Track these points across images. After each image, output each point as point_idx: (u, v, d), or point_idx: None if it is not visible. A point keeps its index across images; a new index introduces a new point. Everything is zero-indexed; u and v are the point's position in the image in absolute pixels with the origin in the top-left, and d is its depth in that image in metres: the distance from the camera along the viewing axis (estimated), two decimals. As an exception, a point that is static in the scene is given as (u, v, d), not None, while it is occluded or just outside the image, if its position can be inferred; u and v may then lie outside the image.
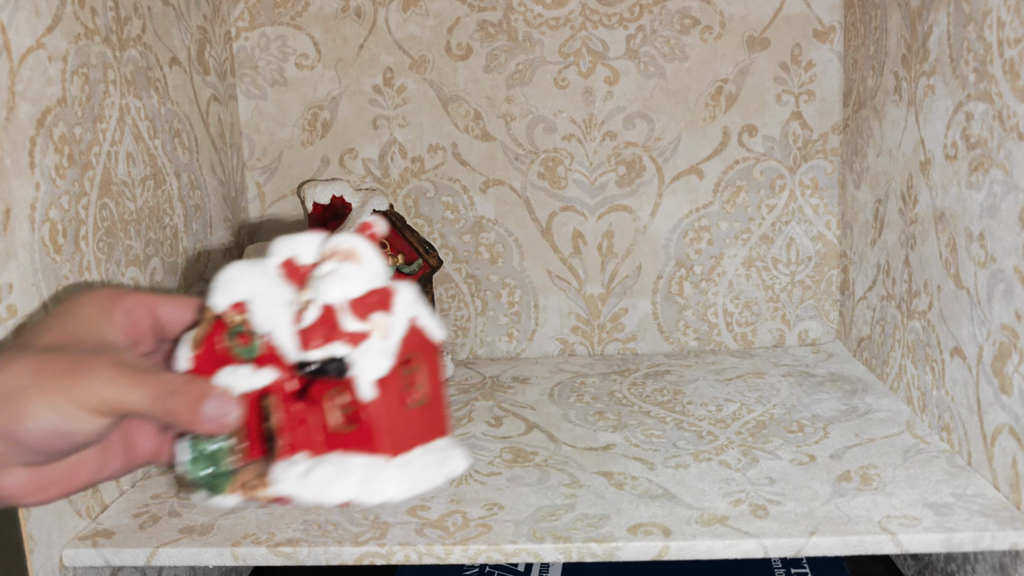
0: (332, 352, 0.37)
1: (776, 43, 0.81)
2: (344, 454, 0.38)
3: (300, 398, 0.39)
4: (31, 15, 0.51)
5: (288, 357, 0.38)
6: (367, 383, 0.37)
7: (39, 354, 0.37)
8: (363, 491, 0.38)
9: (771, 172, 0.83)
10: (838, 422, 0.66)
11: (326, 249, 0.39)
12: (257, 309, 0.39)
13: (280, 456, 0.39)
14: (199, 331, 0.40)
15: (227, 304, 0.39)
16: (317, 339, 0.37)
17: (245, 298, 0.39)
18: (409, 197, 0.85)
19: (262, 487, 0.40)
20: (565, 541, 0.51)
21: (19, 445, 0.36)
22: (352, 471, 0.38)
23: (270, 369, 0.39)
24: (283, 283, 0.39)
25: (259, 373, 0.39)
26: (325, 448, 0.39)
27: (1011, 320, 0.51)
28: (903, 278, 0.67)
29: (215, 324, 0.40)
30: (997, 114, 0.51)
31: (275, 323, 0.39)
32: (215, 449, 0.40)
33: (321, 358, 0.37)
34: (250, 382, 0.39)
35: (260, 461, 0.40)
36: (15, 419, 0.36)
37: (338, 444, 0.38)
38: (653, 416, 0.69)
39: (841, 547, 0.49)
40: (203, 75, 0.77)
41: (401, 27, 0.82)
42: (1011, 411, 0.51)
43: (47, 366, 0.36)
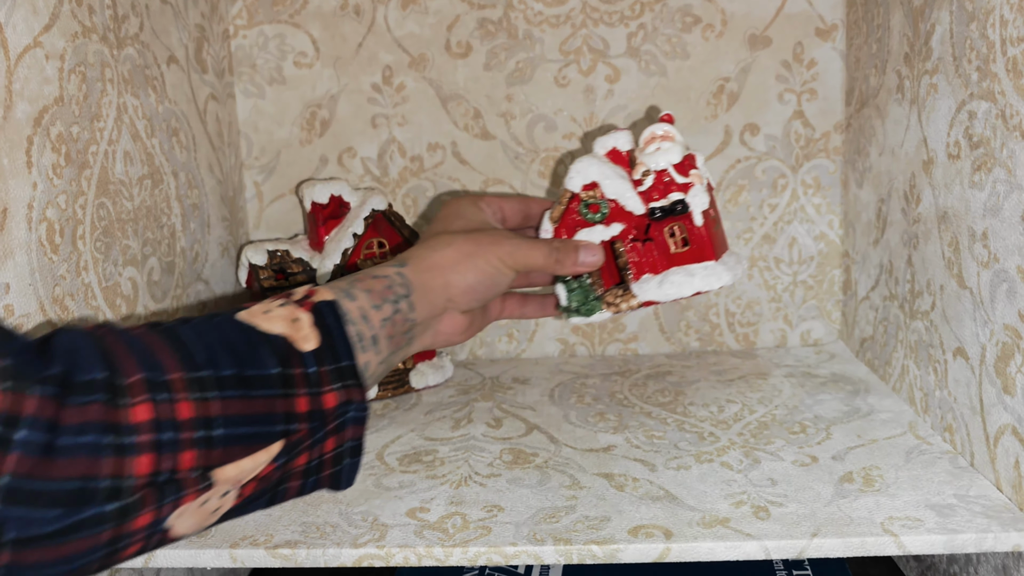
0: (672, 199, 0.58)
1: (778, 41, 0.80)
2: (683, 267, 0.58)
3: (642, 239, 0.59)
4: (28, 13, 0.51)
5: (635, 211, 0.59)
6: (698, 213, 0.58)
7: (467, 234, 0.55)
8: (706, 283, 0.58)
9: (773, 171, 0.82)
10: (840, 423, 0.65)
11: (646, 136, 0.59)
12: (607, 184, 0.59)
13: (632, 279, 0.60)
14: (556, 210, 0.60)
15: (580, 185, 0.59)
16: (661, 193, 0.58)
17: (593, 179, 0.59)
18: (408, 196, 0.85)
19: (626, 300, 0.60)
20: (565, 543, 0.50)
21: (466, 294, 0.54)
22: (695, 273, 0.58)
23: (617, 224, 0.59)
24: (613, 165, 0.60)
25: (610, 228, 0.59)
26: (666, 267, 0.59)
27: (1014, 320, 0.50)
28: (906, 278, 0.67)
29: (571, 201, 0.60)
30: (1000, 113, 0.51)
31: (620, 191, 0.59)
32: (587, 284, 0.61)
33: (666, 204, 0.58)
34: (604, 234, 0.59)
35: (616, 286, 0.61)
36: (463, 275, 0.53)
37: (676, 261, 0.59)
38: (654, 417, 0.69)
39: (843, 548, 0.49)
40: (201, 73, 0.76)
41: (400, 25, 0.82)
42: (1014, 412, 0.51)
43: (480, 239, 0.55)
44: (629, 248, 0.60)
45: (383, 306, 0.50)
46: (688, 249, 0.59)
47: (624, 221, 0.59)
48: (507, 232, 0.57)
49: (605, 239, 0.59)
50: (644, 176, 0.58)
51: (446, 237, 0.55)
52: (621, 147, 0.61)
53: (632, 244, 0.60)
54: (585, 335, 0.87)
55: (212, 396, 0.39)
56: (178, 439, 0.37)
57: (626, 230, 0.59)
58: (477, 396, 0.76)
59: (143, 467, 0.36)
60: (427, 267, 0.53)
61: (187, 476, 0.38)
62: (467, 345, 0.87)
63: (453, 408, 0.74)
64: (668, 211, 0.58)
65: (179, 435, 0.37)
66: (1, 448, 0.32)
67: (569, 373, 0.81)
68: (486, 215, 0.59)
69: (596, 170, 0.59)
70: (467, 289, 0.54)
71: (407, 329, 0.52)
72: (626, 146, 0.61)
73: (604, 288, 0.61)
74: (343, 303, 0.48)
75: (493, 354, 0.88)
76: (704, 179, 0.58)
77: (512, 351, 0.87)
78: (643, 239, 0.59)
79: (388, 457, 0.64)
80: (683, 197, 0.58)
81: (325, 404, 0.44)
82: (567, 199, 0.60)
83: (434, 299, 0.53)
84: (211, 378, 0.39)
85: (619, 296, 0.60)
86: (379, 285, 0.50)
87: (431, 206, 0.85)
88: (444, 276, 0.53)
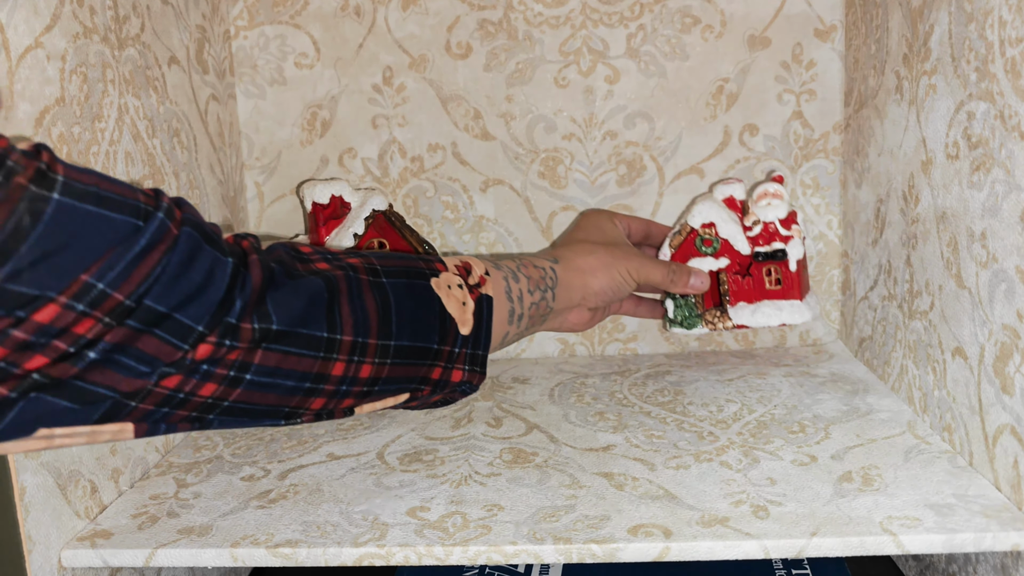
0: (775, 247, 0.72)
1: (777, 42, 0.80)
2: (773, 301, 0.72)
3: (743, 274, 0.73)
4: (30, 14, 0.51)
5: (742, 252, 0.73)
6: (794, 261, 0.72)
7: (606, 246, 0.67)
8: (791, 317, 0.72)
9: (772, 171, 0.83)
10: (839, 422, 0.66)
11: (759, 191, 0.72)
12: (722, 226, 0.73)
13: (730, 305, 0.73)
14: (676, 239, 0.74)
15: (700, 223, 0.73)
16: (766, 240, 0.72)
17: (711, 220, 0.73)
18: (409, 197, 0.85)
19: (722, 321, 0.74)
20: (565, 542, 0.50)
21: (597, 295, 0.65)
22: (782, 308, 0.72)
23: (724, 259, 0.73)
24: (728, 210, 0.74)
25: (718, 261, 0.73)
26: (759, 299, 0.73)
27: (1013, 320, 0.51)
28: (904, 278, 0.67)
29: (689, 235, 0.73)
30: (999, 113, 0.51)
31: (732, 233, 0.73)
32: (692, 303, 0.74)
33: (769, 251, 0.72)
34: (712, 265, 0.73)
35: (715, 308, 0.74)
36: (599, 280, 0.65)
37: (768, 296, 0.73)
38: (654, 417, 0.69)
39: (842, 548, 0.49)
40: (202, 74, 0.76)
41: (400, 26, 0.82)
42: (1013, 411, 0.51)
43: (616, 253, 0.67)
44: (731, 279, 0.73)
45: (535, 292, 0.60)
46: (780, 288, 0.73)
47: (731, 257, 0.73)
48: (635, 249, 0.70)
49: (712, 269, 0.73)
50: (753, 224, 0.72)
51: (589, 246, 0.67)
52: (737, 196, 0.74)
53: (734, 276, 0.73)
54: (585, 335, 0.87)
55: (387, 363, 0.48)
56: (350, 391, 0.47)
57: (731, 265, 0.73)
58: (477, 396, 0.77)
59: (317, 405, 0.47)
60: (573, 268, 0.64)
61: (339, 411, 0.49)
62: (467, 345, 0.88)
63: (453, 407, 0.74)
64: (769, 256, 0.72)
65: (352, 388, 0.47)
66: (231, 386, 0.42)
67: (569, 373, 0.82)
68: (619, 230, 0.71)
69: (715, 213, 0.72)
70: (599, 291, 0.65)
71: (545, 314, 0.62)
72: (741, 195, 0.74)
73: (705, 308, 0.74)
74: (509, 282, 0.58)
75: (493, 354, 0.88)
76: (802, 233, 0.72)
77: (512, 351, 0.87)
78: (744, 274, 0.73)
79: (388, 456, 0.64)
80: (783, 247, 0.72)
81: (452, 377, 0.53)
82: (687, 232, 0.73)
83: (572, 295, 0.64)
84: (393, 347, 0.48)
85: (717, 317, 0.74)
86: (536, 274, 0.61)
87: (431, 205, 0.85)
88: (583, 278, 0.64)
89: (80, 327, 0.36)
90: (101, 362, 0.37)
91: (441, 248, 0.86)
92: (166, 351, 0.39)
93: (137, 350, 0.38)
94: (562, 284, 0.63)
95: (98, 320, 0.37)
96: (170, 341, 0.39)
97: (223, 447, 0.68)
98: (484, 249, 0.85)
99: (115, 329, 0.37)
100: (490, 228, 0.85)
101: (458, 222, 0.85)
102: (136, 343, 0.38)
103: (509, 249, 0.85)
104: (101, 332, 0.37)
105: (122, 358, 0.38)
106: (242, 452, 0.67)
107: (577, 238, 0.69)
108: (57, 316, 0.35)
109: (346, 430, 0.70)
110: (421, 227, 0.86)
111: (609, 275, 0.65)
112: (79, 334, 0.36)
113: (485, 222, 0.85)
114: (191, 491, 0.60)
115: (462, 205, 0.85)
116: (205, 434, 0.71)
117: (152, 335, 0.38)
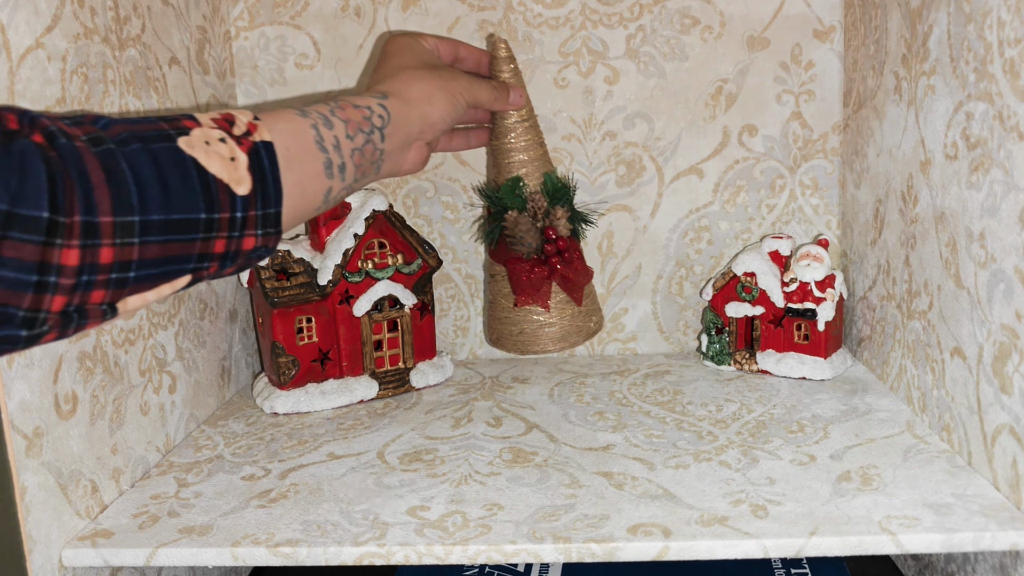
0: (807, 306, 0.76)
1: (776, 43, 0.80)
2: (799, 354, 0.77)
3: (775, 324, 0.78)
4: (31, 15, 0.51)
5: (777, 304, 0.77)
6: (822, 322, 0.75)
7: (431, 69, 0.61)
8: (812, 373, 0.76)
9: (771, 172, 0.83)
10: (838, 422, 0.66)
11: (802, 251, 0.77)
12: (762, 278, 0.77)
13: (759, 350, 0.79)
14: (719, 281, 0.80)
15: (743, 271, 0.78)
16: (799, 298, 0.77)
17: (753, 270, 0.78)
18: (409, 197, 0.85)
19: (749, 364, 0.79)
20: (565, 541, 0.51)
21: (435, 125, 0.59)
22: (805, 363, 0.76)
23: (759, 307, 0.78)
24: (771, 263, 0.78)
25: (754, 308, 0.78)
26: (786, 350, 0.78)
27: (1011, 320, 0.51)
28: (903, 278, 0.67)
29: (731, 280, 0.79)
30: (997, 114, 0.51)
31: (770, 286, 0.77)
32: (725, 342, 0.80)
33: (801, 308, 0.76)
34: (748, 311, 0.78)
35: (745, 349, 0.80)
36: (436, 107, 0.59)
37: (795, 349, 0.77)
38: (653, 416, 0.69)
39: (841, 547, 0.49)
40: (202, 75, 0.76)
41: (401, 26, 0.82)
42: (1011, 411, 0.51)
43: (443, 75, 0.61)
44: (764, 327, 0.78)
45: (356, 136, 0.52)
46: (807, 343, 0.77)
47: (765, 307, 0.78)
48: (458, 70, 0.64)
49: (747, 314, 0.78)
50: (791, 281, 0.77)
51: (414, 71, 0.60)
52: (782, 251, 0.78)
53: (767, 324, 0.78)
54: (584, 335, 0.87)
55: (134, 242, 0.40)
56: (94, 280, 0.39)
57: (765, 314, 0.78)
58: (477, 395, 0.77)
59: (58, 304, 0.39)
60: (405, 99, 0.57)
61: (95, 308, 0.41)
62: (467, 345, 0.88)
63: (453, 407, 0.74)
64: (800, 313, 0.76)
65: (96, 277, 0.39)
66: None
67: (568, 372, 0.82)
68: (432, 51, 0.65)
69: (757, 264, 0.77)
70: (438, 120, 0.59)
71: (375, 160, 0.54)
72: (786, 251, 0.78)
73: (736, 348, 0.80)
74: (320, 129, 0.50)
75: (493, 353, 0.88)
76: (835, 297, 0.76)
77: (512, 351, 0.88)
78: (776, 324, 0.78)
79: (389, 456, 0.64)
80: (814, 308, 0.76)
81: (243, 246, 0.45)
82: (730, 277, 0.79)
83: (409, 130, 0.57)
84: (137, 223, 0.40)
85: (745, 358, 0.79)
86: (358, 115, 0.53)
87: (431, 205, 0.85)
88: (420, 108, 0.58)
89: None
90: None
91: (441, 248, 0.86)
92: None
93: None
94: (396, 120, 0.55)
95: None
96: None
97: (223, 447, 0.68)
98: (484, 249, 0.85)
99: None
100: (490, 228, 0.85)
101: (458, 222, 0.85)
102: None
103: (509, 249, 0.85)
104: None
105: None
106: (243, 452, 0.67)
107: (397, 65, 0.61)
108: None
109: (347, 430, 0.70)
110: (421, 227, 0.86)
111: (445, 99, 0.60)
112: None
113: (485, 222, 0.85)
114: (192, 490, 0.60)
115: (462, 205, 0.85)
116: (206, 434, 0.71)
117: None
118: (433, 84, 0.59)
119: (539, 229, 0.70)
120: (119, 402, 0.60)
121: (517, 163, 0.71)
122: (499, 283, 0.73)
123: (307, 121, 0.49)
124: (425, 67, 0.61)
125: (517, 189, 0.71)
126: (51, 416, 0.53)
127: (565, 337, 0.73)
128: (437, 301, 0.87)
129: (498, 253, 0.73)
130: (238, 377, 0.82)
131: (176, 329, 0.69)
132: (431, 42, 0.66)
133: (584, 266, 0.73)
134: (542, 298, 0.71)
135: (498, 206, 0.72)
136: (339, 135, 0.51)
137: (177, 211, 0.41)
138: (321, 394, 0.75)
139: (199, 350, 0.73)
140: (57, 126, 0.39)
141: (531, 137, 0.71)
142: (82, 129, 0.40)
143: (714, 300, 0.80)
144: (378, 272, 0.76)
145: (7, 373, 0.49)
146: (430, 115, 0.58)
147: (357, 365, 0.77)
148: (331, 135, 0.50)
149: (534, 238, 0.70)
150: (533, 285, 0.71)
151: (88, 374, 0.57)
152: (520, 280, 0.71)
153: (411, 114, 0.57)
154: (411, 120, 0.57)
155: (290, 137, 0.48)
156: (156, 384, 0.66)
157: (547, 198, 0.71)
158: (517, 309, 0.72)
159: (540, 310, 0.72)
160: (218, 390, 0.77)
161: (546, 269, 0.70)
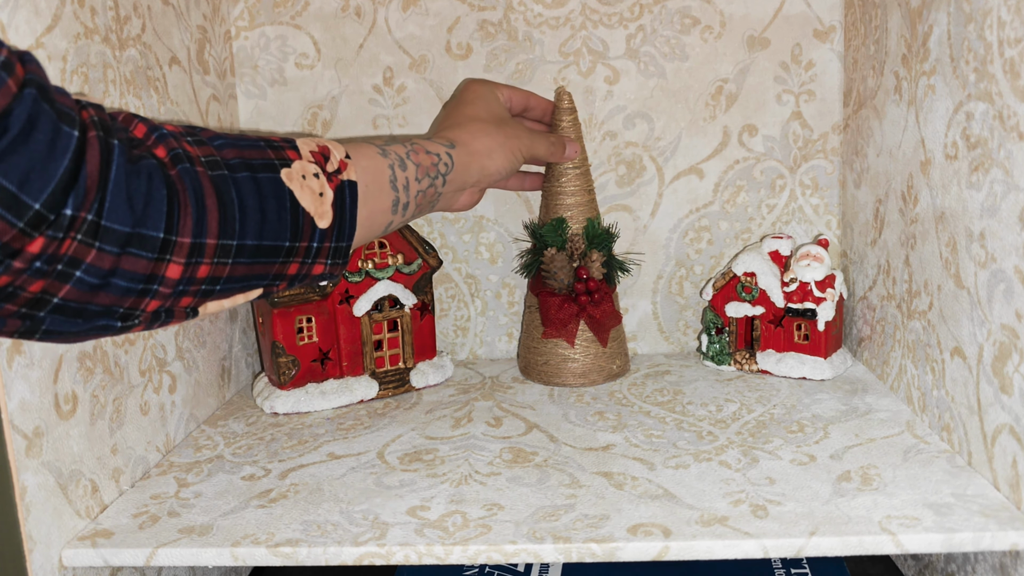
0: (806, 306, 0.76)
1: (776, 43, 0.80)
2: (799, 354, 0.76)
3: (775, 324, 0.77)
4: (31, 15, 0.51)
5: (777, 304, 0.77)
6: (822, 322, 0.75)
7: (498, 125, 0.66)
8: (812, 373, 0.75)
9: (771, 172, 0.83)
10: (838, 422, 0.66)
11: (802, 251, 0.76)
12: (762, 277, 0.77)
13: (759, 350, 0.78)
14: (719, 281, 0.79)
15: (743, 271, 0.77)
16: (799, 298, 0.76)
17: (753, 270, 0.77)
18: (409, 197, 0.85)
19: (748, 364, 0.79)
20: (565, 541, 0.51)
21: (492, 176, 0.65)
22: (805, 362, 0.76)
23: (759, 307, 0.78)
24: (771, 263, 0.77)
25: (754, 308, 0.78)
26: (786, 350, 0.77)
27: (1011, 320, 0.51)
28: (903, 278, 0.67)
29: (731, 280, 0.78)
30: (997, 114, 0.51)
31: (770, 286, 0.77)
32: (725, 342, 0.79)
33: (800, 308, 0.76)
34: (748, 311, 0.78)
35: (745, 349, 0.79)
36: (496, 162, 0.64)
37: (795, 349, 0.77)
38: (653, 416, 0.69)
39: (841, 547, 0.49)
40: (203, 75, 0.77)
41: (401, 27, 0.82)
42: (1011, 411, 0.51)
43: (507, 131, 0.66)
44: (764, 327, 0.78)
45: (423, 180, 0.58)
46: (807, 343, 0.76)
47: (766, 307, 0.78)
48: (521, 124, 0.70)
49: (747, 314, 0.78)
50: (791, 281, 0.76)
51: (483, 126, 0.65)
52: (782, 251, 0.78)
53: (767, 324, 0.78)
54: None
55: (228, 262, 0.45)
56: (188, 290, 0.44)
57: (765, 314, 0.78)
58: (477, 395, 0.77)
59: (153, 306, 0.43)
60: (470, 151, 0.63)
61: (181, 310, 0.45)
62: (467, 345, 0.88)
63: (453, 407, 0.74)
64: (800, 313, 0.76)
65: (190, 288, 0.44)
66: (60, 280, 0.38)
67: (569, 373, 0.82)
68: (504, 104, 0.71)
69: (757, 264, 0.77)
70: (494, 172, 0.65)
71: (432, 200, 0.60)
72: (786, 251, 0.77)
73: (736, 348, 0.79)
74: (395, 170, 0.55)
75: (493, 353, 0.88)
76: (835, 297, 0.75)
77: (512, 350, 0.87)
78: (776, 324, 0.77)
79: (389, 456, 0.64)
80: (814, 308, 0.75)
81: (312, 272, 0.50)
82: (730, 277, 0.78)
83: (467, 178, 0.62)
84: (234, 246, 0.45)
85: (745, 358, 0.79)
86: (428, 161, 0.58)
87: (431, 206, 0.85)
88: (481, 161, 0.63)
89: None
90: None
91: (441, 248, 0.86)
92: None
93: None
94: (458, 168, 0.61)
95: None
96: (3, 216, 0.35)
97: (224, 447, 0.68)
98: (484, 249, 0.86)
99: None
100: (490, 228, 0.85)
101: (458, 222, 0.85)
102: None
103: (509, 249, 0.85)
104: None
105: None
106: (243, 452, 0.67)
107: (468, 115, 0.67)
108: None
109: (347, 430, 0.70)
110: (421, 227, 0.86)
111: (505, 156, 0.65)
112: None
113: (485, 222, 0.85)
114: (192, 490, 0.60)
115: (462, 205, 0.85)
116: (206, 434, 0.71)
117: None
118: (496, 140, 0.65)
119: (573, 268, 0.75)
120: (119, 402, 0.61)
121: (564, 206, 0.76)
122: (533, 314, 0.78)
123: (386, 161, 0.54)
124: (493, 121, 0.67)
125: (560, 229, 0.75)
126: (51, 416, 0.53)
127: (586, 374, 0.77)
128: (437, 301, 0.87)
129: (534, 285, 0.78)
130: (238, 377, 0.82)
131: (176, 329, 0.69)
132: (505, 94, 0.72)
133: (613, 310, 0.77)
134: (568, 333, 0.76)
135: (541, 242, 0.76)
136: (410, 177, 0.56)
137: (268, 238, 0.46)
138: (321, 394, 0.75)
139: (199, 350, 0.73)
140: (182, 147, 0.43)
141: (580, 183, 0.76)
142: (202, 150, 0.44)
143: (714, 300, 0.80)
144: (378, 272, 0.76)
145: (7, 373, 0.49)
146: (488, 168, 0.64)
147: (357, 365, 0.77)
148: (403, 176, 0.55)
149: (567, 275, 0.75)
150: (561, 320, 0.75)
151: (88, 374, 0.57)
152: (549, 313, 0.76)
153: (472, 165, 0.63)
154: (471, 170, 0.62)
155: (370, 175, 0.53)
156: (156, 384, 0.66)
157: (586, 241, 0.76)
158: (545, 341, 0.77)
159: (566, 345, 0.76)
160: (218, 390, 0.77)
161: (575, 307, 0.75)
